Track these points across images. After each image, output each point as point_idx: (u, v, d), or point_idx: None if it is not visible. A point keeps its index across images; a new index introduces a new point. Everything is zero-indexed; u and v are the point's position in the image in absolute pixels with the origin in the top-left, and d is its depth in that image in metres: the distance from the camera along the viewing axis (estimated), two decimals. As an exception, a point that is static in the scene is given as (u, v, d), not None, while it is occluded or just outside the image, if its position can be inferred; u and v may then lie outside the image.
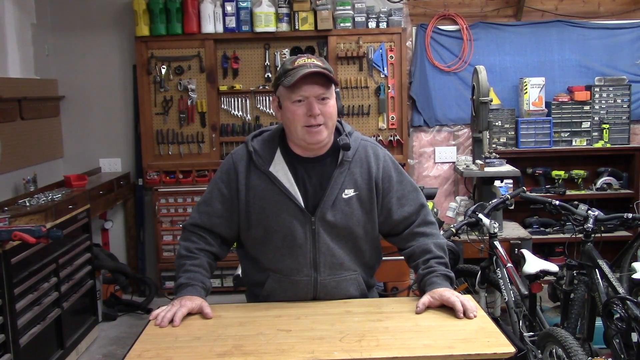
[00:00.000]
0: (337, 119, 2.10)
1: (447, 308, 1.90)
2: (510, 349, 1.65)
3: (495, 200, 3.38)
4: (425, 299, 1.91)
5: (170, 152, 4.99)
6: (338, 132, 2.12)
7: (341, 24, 4.91)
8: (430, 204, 3.15)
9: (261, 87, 4.99)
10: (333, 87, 2.02)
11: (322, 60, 2.03)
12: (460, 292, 1.97)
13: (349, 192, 2.04)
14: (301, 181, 2.04)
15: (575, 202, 3.22)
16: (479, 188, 4.26)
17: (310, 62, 1.97)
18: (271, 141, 2.08)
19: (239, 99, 5.00)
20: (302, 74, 1.93)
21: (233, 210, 2.07)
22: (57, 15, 5.02)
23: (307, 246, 2.02)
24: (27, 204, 3.72)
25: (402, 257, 2.19)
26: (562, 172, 5.07)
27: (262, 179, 2.03)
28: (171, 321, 1.85)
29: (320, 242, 2.02)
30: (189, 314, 1.91)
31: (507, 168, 4.29)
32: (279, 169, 2.03)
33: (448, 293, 1.90)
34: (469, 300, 1.89)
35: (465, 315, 1.84)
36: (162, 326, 1.84)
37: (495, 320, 1.84)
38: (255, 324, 1.85)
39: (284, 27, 4.90)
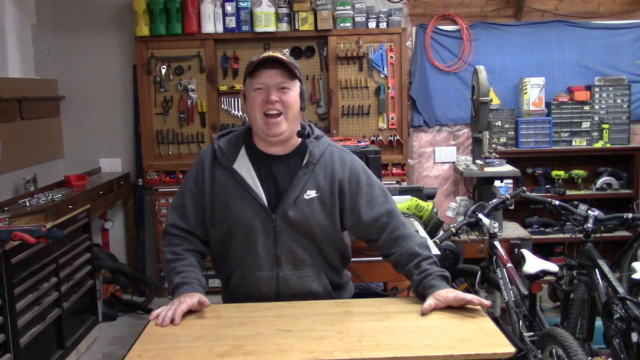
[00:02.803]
0: (309, 122, 2.16)
1: (447, 308, 1.91)
2: (510, 349, 1.65)
3: (495, 200, 3.38)
4: (431, 301, 1.90)
5: (170, 152, 4.99)
6: (307, 135, 2.15)
7: (341, 24, 4.91)
8: (430, 204, 3.14)
9: (261, 87, 4.98)
10: (297, 82, 2.07)
11: (288, 56, 2.10)
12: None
13: (311, 194, 2.06)
14: (265, 179, 2.07)
15: (575, 202, 3.22)
16: (479, 188, 4.26)
17: (274, 55, 2.04)
18: (236, 140, 2.13)
19: (239, 99, 5.01)
20: (261, 58, 2.02)
21: (204, 207, 2.10)
22: (57, 15, 5.02)
23: (269, 242, 2.05)
24: (27, 204, 3.72)
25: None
26: (562, 172, 5.07)
27: (226, 176, 2.07)
28: (172, 320, 1.85)
29: (281, 239, 2.05)
30: (190, 312, 1.91)
31: (507, 168, 4.29)
32: (243, 166, 2.07)
33: (452, 293, 1.90)
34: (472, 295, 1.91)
35: (482, 305, 1.87)
36: (164, 325, 1.84)
37: (495, 320, 1.84)
38: (255, 324, 1.85)
39: (284, 27, 4.90)
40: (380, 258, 2.22)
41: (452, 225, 3.30)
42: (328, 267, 2.15)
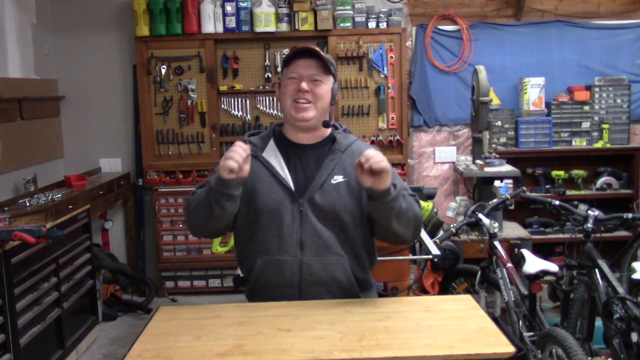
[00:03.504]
0: (336, 123, 2.19)
1: (447, 308, 1.91)
2: (510, 349, 1.65)
3: (495, 200, 3.38)
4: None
5: (170, 152, 4.99)
6: (335, 128, 2.19)
7: (341, 24, 4.91)
8: (430, 204, 3.15)
9: (261, 87, 4.99)
10: (331, 78, 2.13)
11: (326, 53, 2.15)
12: (459, 293, 1.97)
13: (338, 178, 2.09)
14: (293, 166, 2.12)
15: (575, 202, 3.22)
16: (479, 188, 4.26)
17: (311, 47, 2.10)
18: (266, 135, 2.21)
19: (239, 99, 5.01)
20: (298, 48, 2.08)
21: None
22: (57, 15, 5.02)
23: (294, 227, 2.06)
24: (27, 204, 3.72)
25: (402, 257, 2.19)
26: (562, 172, 5.07)
27: (255, 164, 2.10)
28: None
29: (307, 224, 2.06)
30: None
31: (507, 168, 4.29)
32: (271, 154, 2.14)
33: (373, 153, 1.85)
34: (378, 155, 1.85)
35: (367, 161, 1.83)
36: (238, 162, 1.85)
37: (495, 320, 1.84)
38: (255, 323, 1.85)
39: (284, 27, 4.90)
40: (380, 258, 2.22)
41: (452, 225, 3.30)
42: (353, 257, 2.12)
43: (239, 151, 1.87)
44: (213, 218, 2.02)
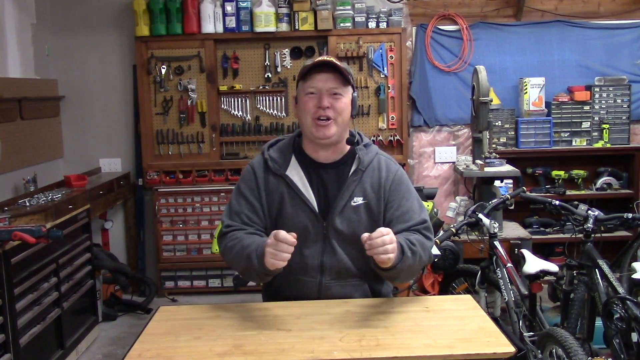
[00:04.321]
0: (358, 131, 2.17)
1: (447, 308, 1.91)
2: (510, 349, 1.65)
3: (495, 200, 3.38)
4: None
5: (170, 152, 4.99)
6: (356, 143, 2.15)
7: (341, 24, 4.91)
8: (430, 204, 3.15)
9: (261, 87, 4.99)
10: (350, 89, 2.08)
11: (343, 62, 2.09)
12: (460, 292, 1.97)
13: (358, 200, 2.07)
14: (315, 185, 2.09)
15: (575, 202, 3.22)
16: (479, 188, 4.26)
17: (328, 59, 2.04)
18: (286, 148, 2.15)
19: (239, 99, 5.00)
20: (315, 62, 2.02)
21: (259, 215, 2.10)
22: (57, 15, 5.02)
23: (317, 249, 2.06)
24: (27, 204, 3.72)
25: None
26: (562, 172, 5.07)
27: (280, 182, 2.09)
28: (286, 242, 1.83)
29: (329, 247, 2.06)
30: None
31: (507, 168, 4.29)
32: (294, 173, 2.09)
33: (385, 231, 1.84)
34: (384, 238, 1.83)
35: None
36: (284, 259, 1.82)
37: (495, 320, 1.85)
38: (255, 324, 1.85)
39: (284, 27, 4.90)
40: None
41: (452, 225, 3.30)
42: (372, 276, 2.12)
43: (290, 250, 1.82)
44: (251, 278, 2.03)
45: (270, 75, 4.99)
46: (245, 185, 2.13)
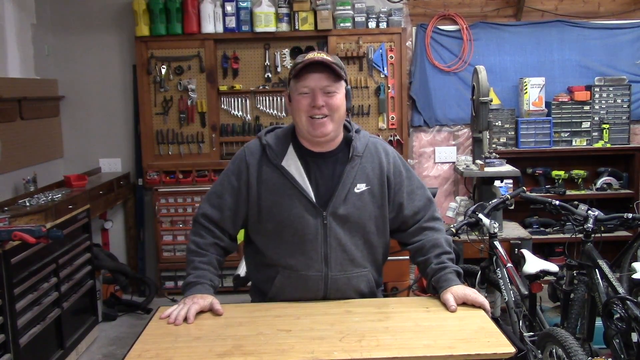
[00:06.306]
0: (346, 118, 2.12)
1: (446, 308, 1.91)
2: (510, 349, 1.65)
3: (495, 200, 3.38)
4: (451, 297, 1.93)
5: (170, 152, 4.99)
6: (347, 130, 2.14)
7: (341, 24, 4.91)
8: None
9: (261, 87, 4.99)
10: (343, 83, 2.05)
11: (333, 57, 2.05)
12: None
13: (361, 187, 2.05)
14: (313, 176, 2.05)
15: (575, 202, 3.22)
16: (479, 188, 4.26)
17: (319, 56, 2.00)
18: (284, 137, 2.11)
19: (239, 99, 5.01)
20: (307, 61, 1.98)
21: (241, 204, 2.08)
22: (57, 15, 5.02)
23: (319, 241, 2.02)
24: (27, 204, 3.72)
25: (402, 257, 2.19)
26: (562, 172, 5.07)
27: (275, 172, 2.05)
28: (185, 319, 1.86)
29: (332, 237, 2.02)
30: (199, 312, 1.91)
31: (507, 168, 4.28)
32: (291, 163, 2.05)
33: (469, 291, 1.94)
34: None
35: (486, 310, 1.91)
36: (177, 324, 1.84)
37: (495, 320, 1.84)
38: (255, 324, 1.85)
39: (284, 27, 4.90)
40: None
41: (452, 225, 3.30)
42: (375, 265, 2.13)
43: (181, 322, 1.86)
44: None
45: (270, 75, 4.99)
46: (233, 170, 2.11)
